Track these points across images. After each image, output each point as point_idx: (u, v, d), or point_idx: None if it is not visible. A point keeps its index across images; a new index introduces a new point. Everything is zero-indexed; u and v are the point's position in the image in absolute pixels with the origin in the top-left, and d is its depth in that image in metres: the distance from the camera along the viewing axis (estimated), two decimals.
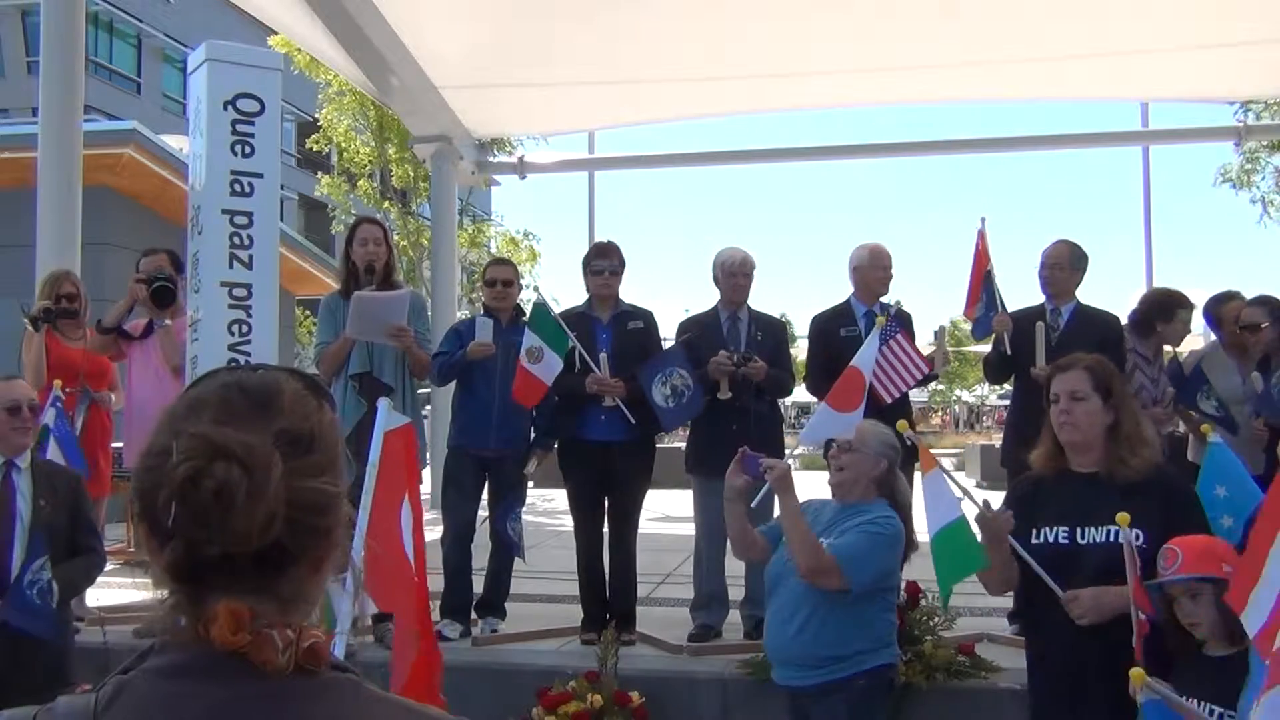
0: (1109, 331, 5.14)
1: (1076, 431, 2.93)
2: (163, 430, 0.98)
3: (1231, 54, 7.18)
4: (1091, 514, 2.87)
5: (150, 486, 0.95)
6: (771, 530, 3.47)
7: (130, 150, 10.42)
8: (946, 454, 24.55)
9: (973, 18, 6.88)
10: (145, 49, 33.12)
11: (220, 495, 0.92)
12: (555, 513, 9.97)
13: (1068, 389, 2.95)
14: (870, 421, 3.68)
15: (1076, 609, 2.80)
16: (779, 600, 3.30)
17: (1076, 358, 3.11)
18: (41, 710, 0.97)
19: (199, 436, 0.95)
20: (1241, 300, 5.40)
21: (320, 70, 13.68)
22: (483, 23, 7.21)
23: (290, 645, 0.94)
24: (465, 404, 5.20)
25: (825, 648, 3.19)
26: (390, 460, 3.01)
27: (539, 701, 4.20)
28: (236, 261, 4.42)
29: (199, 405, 0.99)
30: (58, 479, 3.85)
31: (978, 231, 5.47)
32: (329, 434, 1.03)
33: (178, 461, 0.93)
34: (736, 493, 3.44)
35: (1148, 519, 2.81)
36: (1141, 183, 9.35)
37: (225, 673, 0.93)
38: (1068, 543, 2.88)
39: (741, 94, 8.21)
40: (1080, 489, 2.95)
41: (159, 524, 0.94)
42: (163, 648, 0.97)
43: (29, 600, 3.45)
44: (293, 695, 0.94)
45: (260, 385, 1.02)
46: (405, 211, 15.89)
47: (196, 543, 0.93)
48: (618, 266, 5.15)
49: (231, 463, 0.93)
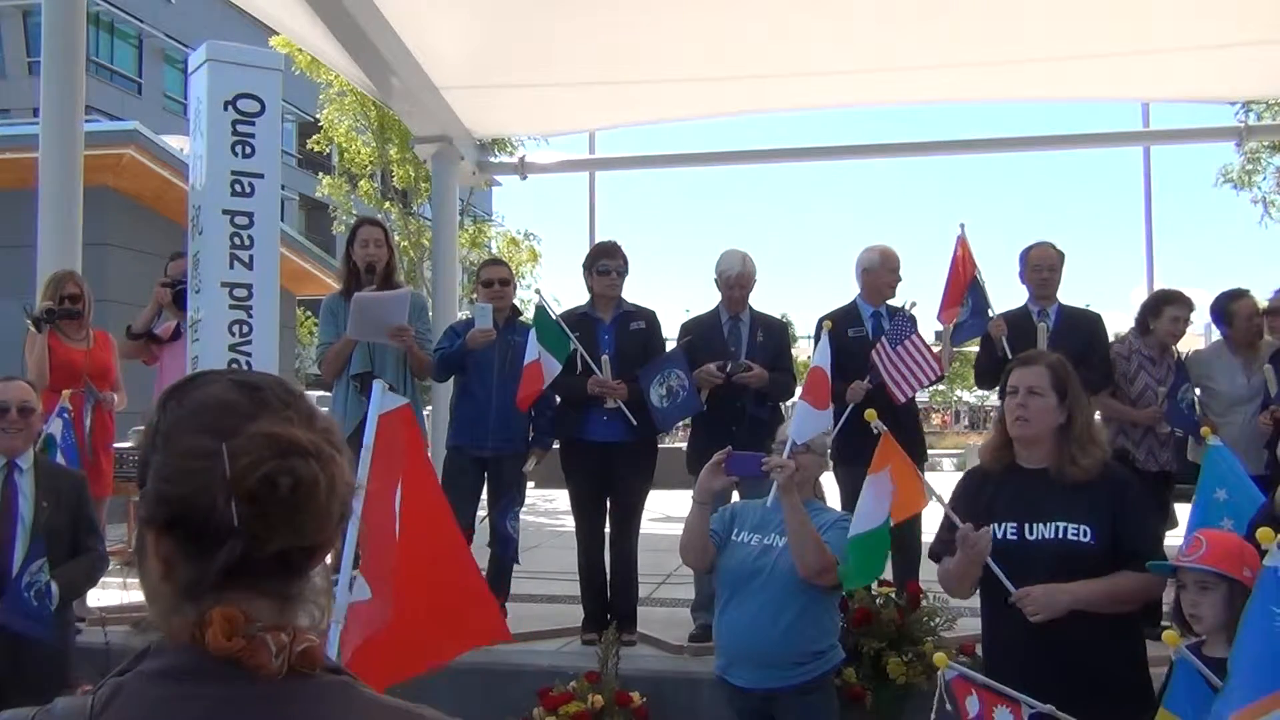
0: (1093, 330, 5.24)
1: (1029, 426, 2.94)
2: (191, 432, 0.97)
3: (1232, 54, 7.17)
4: (1039, 510, 2.89)
5: (193, 489, 0.94)
6: (715, 535, 3.38)
7: (131, 151, 10.44)
8: (947, 454, 24.59)
9: (973, 18, 6.88)
10: (146, 49, 33.13)
11: (297, 492, 0.94)
12: (556, 513, 9.98)
13: (1027, 383, 2.96)
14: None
15: (1030, 606, 2.80)
16: (755, 600, 3.22)
17: (1040, 354, 3.16)
18: (40, 711, 0.97)
19: (269, 435, 0.95)
20: (1252, 299, 5.41)
21: (321, 71, 13.69)
22: (483, 23, 7.21)
23: (284, 649, 0.94)
24: (463, 405, 5.21)
25: (811, 643, 3.22)
26: (385, 443, 2.91)
27: (540, 702, 4.20)
28: (237, 262, 4.42)
29: (234, 406, 0.99)
30: (61, 480, 3.84)
31: (957, 238, 5.50)
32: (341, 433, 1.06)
33: (250, 462, 0.93)
34: (711, 495, 3.33)
35: (1097, 515, 2.83)
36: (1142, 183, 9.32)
37: (220, 675, 0.93)
38: (1015, 539, 2.89)
39: (742, 94, 8.20)
40: (1028, 485, 2.96)
41: (205, 527, 0.94)
42: (158, 650, 0.97)
43: (26, 602, 3.45)
44: (287, 698, 0.95)
45: (285, 388, 1.03)
46: (406, 212, 15.90)
47: (260, 541, 0.94)
48: (623, 267, 5.16)
49: (309, 459, 0.95)
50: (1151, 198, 9.28)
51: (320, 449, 0.97)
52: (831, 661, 3.32)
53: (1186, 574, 2.66)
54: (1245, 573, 2.57)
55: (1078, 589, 2.77)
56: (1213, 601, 2.61)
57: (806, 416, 3.61)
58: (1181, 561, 2.65)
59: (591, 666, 4.35)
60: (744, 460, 3.26)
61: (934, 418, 43.95)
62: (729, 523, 3.41)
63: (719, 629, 3.38)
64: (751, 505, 3.51)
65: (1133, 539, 2.82)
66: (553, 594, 5.95)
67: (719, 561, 3.37)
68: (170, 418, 1.01)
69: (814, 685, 3.23)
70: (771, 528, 3.30)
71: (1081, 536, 2.81)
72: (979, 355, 5.54)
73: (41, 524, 3.62)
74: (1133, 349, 5.28)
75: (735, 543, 3.35)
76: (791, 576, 3.18)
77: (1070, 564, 2.80)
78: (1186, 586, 2.66)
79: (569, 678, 4.30)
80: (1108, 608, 2.79)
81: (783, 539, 3.24)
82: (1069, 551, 2.81)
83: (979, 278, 5.39)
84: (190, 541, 0.95)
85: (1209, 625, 2.63)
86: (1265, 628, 2.17)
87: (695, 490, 3.32)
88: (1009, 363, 3.19)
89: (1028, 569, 2.83)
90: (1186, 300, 5.37)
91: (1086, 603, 2.77)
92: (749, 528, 3.36)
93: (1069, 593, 2.77)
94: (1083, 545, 2.81)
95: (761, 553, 3.27)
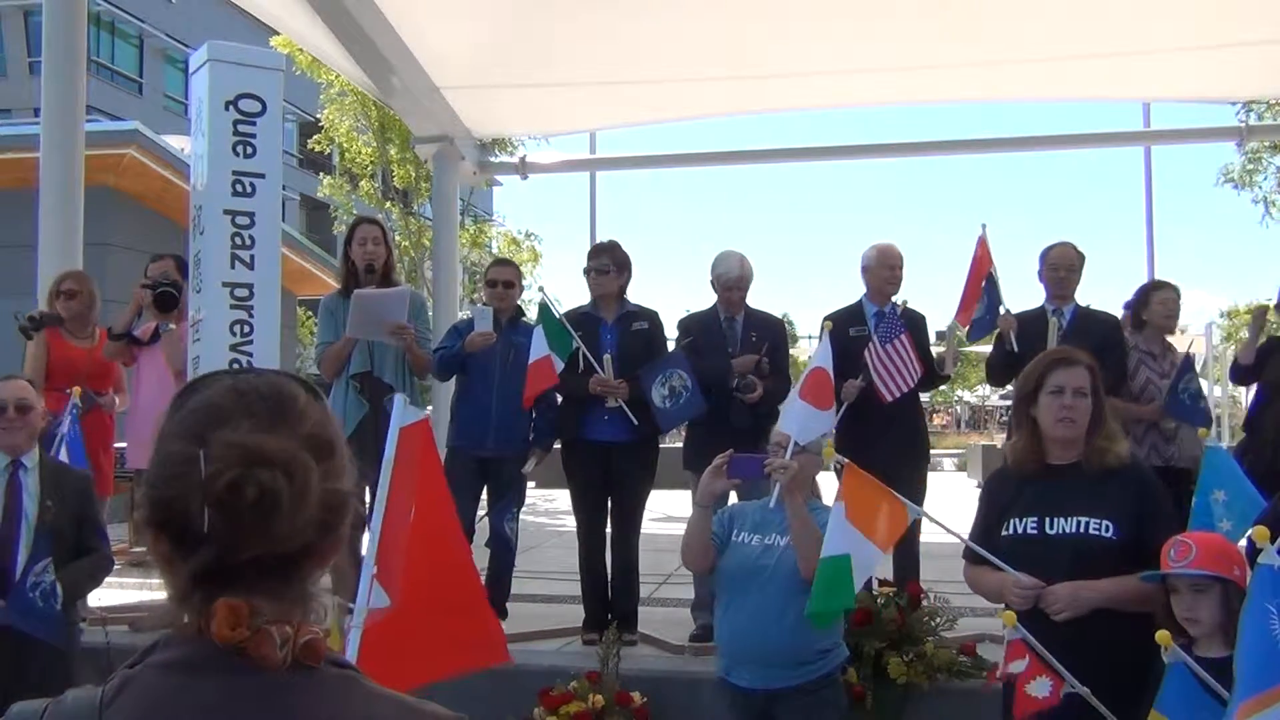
0: (1110, 332, 5.20)
1: (1075, 428, 2.94)
2: (178, 437, 0.99)
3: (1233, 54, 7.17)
4: (1061, 505, 2.89)
5: (176, 494, 0.96)
6: (715, 537, 3.37)
7: (132, 150, 10.45)
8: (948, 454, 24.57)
9: (973, 18, 6.87)
10: (147, 49, 33.13)
11: (262, 502, 0.94)
12: (556, 513, 9.98)
13: (1075, 384, 2.95)
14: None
15: (1054, 604, 2.79)
16: (757, 600, 3.22)
17: (1078, 353, 3.12)
18: (51, 703, 0.99)
19: (236, 444, 0.96)
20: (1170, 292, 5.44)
21: (322, 71, 13.69)
22: (484, 22, 7.21)
23: (288, 641, 0.95)
24: (463, 405, 5.21)
25: (814, 641, 3.21)
26: (404, 457, 2.93)
27: (540, 702, 4.20)
28: (238, 262, 4.42)
29: (219, 411, 0.99)
30: (65, 479, 3.83)
31: (978, 239, 5.49)
32: (340, 436, 1.06)
33: (216, 470, 0.94)
34: (713, 498, 3.31)
35: (1121, 510, 2.83)
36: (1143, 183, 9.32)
37: (225, 667, 0.95)
38: (1036, 533, 2.89)
39: (742, 94, 8.20)
40: (1052, 481, 2.96)
41: (186, 530, 0.95)
42: (167, 643, 0.99)
43: (31, 602, 3.44)
44: (291, 690, 0.96)
45: (275, 391, 1.03)
46: (407, 212, 15.91)
47: (231, 548, 0.95)
48: (607, 265, 5.12)
49: (275, 470, 0.95)
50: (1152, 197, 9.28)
51: (293, 458, 0.97)
52: (836, 660, 3.31)
53: (1179, 579, 2.64)
54: (1235, 572, 2.58)
55: (1104, 586, 2.76)
56: (1208, 604, 2.60)
57: (809, 418, 3.59)
58: (1174, 568, 2.63)
59: (592, 666, 4.35)
60: (746, 463, 3.25)
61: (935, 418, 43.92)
62: (728, 524, 3.41)
63: (720, 630, 3.38)
64: (750, 506, 3.52)
65: (1159, 536, 2.78)
66: (553, 594, 5.94)
67: (719, 563, 3.36)
68: (169, 421, 1.02)
69: (818, 684, 3.22)
70: (772, 528, 3.30)
71: (1103, 531, 2.81)
72: (991, 352, 5.54)
73: (46, 523, 3.61)
74: (1131, 344, 5.29)
75: (735, 544, 3.34)
76: (793, 575, 3.17)
77: (1090, 559, 2.79)
78: (1180, 591, 2.64)
79: (570, 678, 4.30)
80: (1132, 606, 2.77)
81: (784, 539, 3.24)
82: (1089, 546, 2.80)
83: (994, 274, 5.40)
84: (175, 543, 0.97)
85: (1207, 628, 2.62)
86: (1262, 625, 2.21)
87: (697, 493, 3.33)
88: (1034, 359, 3.16)
89: (1047, 564, 2.83)
90: (1171, 285, 5.42)
91: (1112, 600, 2.76)
92: (749, 528, 3.36)
93: (1095, 589, 2.75)
94: (1104, 540, 2.80)
95: (762, 553, 3.27)
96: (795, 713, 3.22)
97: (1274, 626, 2.19)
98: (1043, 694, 2.56)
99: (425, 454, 3.01)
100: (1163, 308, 5.30)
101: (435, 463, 3.09)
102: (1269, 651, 2.19)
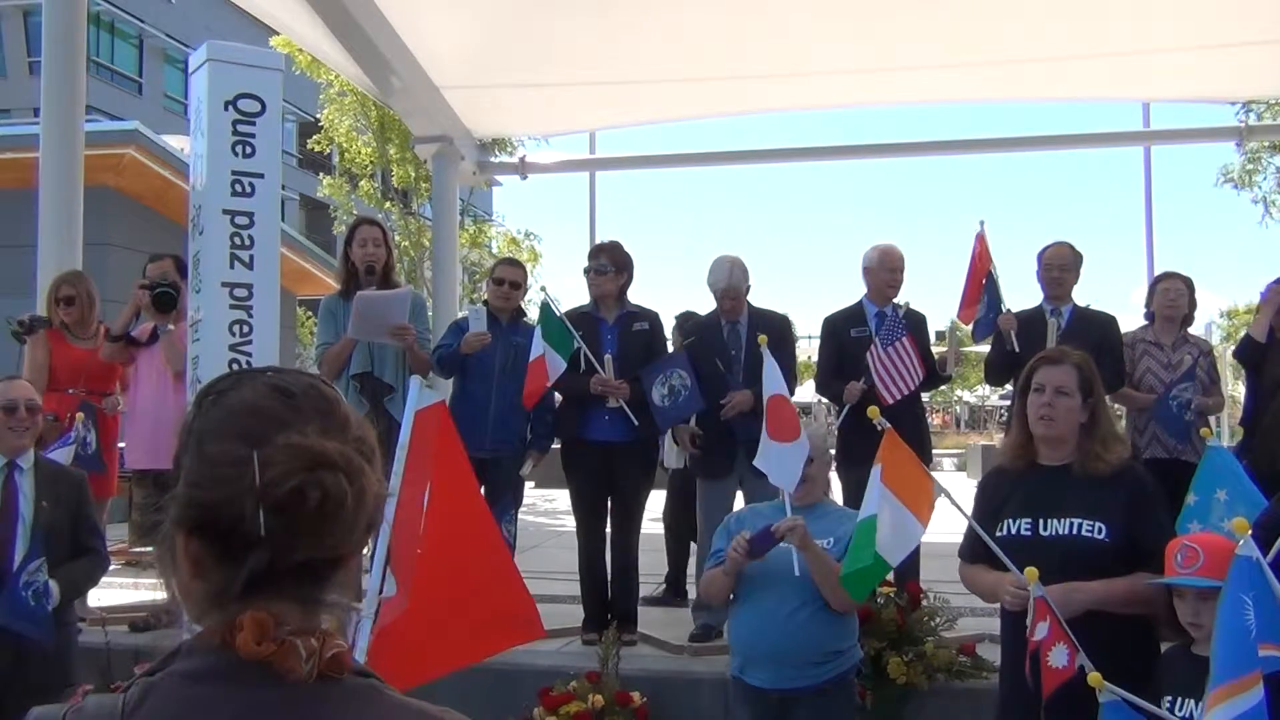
0: (1107, 332, 5.22)
1: (1054, 426, 2.94)
2: (223, 437, 0.97)
3: (1233, 54, 7.16)
4: (1055, 506, 2.88)
5: (225, 496, 0.94)
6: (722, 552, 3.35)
7: (132, 150, 10.44)
8: (948, 454, 24.57)
9: (974, 18, 6.87)
10: (147, 49, 33.14)
11: (325, 505, 0.94)
12: (556, 513, 9.98)
13: (1055, 383, 2.95)
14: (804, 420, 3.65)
15: None
16: (769, 598, 3.23)
17: (1065, 352, 3.13)
18: (71, 709, 0.98)
19: (298, 447, 0.95)
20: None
21: (321, 71, 13.69)
22: (483, 23, 7.20)
23: (314, 654, 0.95)
24: (461, 405, 5.20)
25: (828, 642, 3.21)
26: (418, 440, 2.90)
27: (540, 701, 4.20)
28: (237, 262, 4.41)
29: (270, 413, 0.98)
30: (61, 480, 3.84)
31: (976, 235, 5.49)
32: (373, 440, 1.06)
33: (279, 473, 0.93)
34: (738, 568, 3.27)
35: (1114, 512, 2.82)
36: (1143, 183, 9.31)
37: (250, 678, 0.94)
38: (1029, 534, 2.89)
39: (742, 94, 8.20)
40: (1046, 481, 2.96)
41: (236, 532, 0.94)
42: (190, 651, 0.98)
43: (23, 602, 3.44)
44: (315, 700, 0.96)
45: (320, 393, 1.03)
46: (406, 212, 15.91)
47: (286, 551, 0.94)
48: (607, 265, 5.11)
49: (338, 473, 0.95)
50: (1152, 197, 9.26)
51: (350, 461, 0.97)
52: (850, 661, 3.30)
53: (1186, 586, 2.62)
54: None
55: (1096, 588, 2.76)
56: (1213, 610, 2.58)
57: (780, 457, 3.48)
58: (1181, 574, 2.60)
59: (592, 666, 4.35)
60: (761, 538, 3.19)
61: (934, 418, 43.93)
62: (736, 534, 3.41)
63: (733, 629, 3.41)
64: (759, 510, 3.52)
65: (1152, 539, 2.78)
66: (553, 594, 5.93)
67: None
68: (205, 419, 1.00)
69: (832, 685, 3.21)
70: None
71: (1096, 533, 2.80)
72: (990, 351, 5.55)
73: (41, 524, 3.61)
74: (1137, 337, 5.33)
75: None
76: (806, 576, 3.18)
77: (1083, 561, 2.78)
78: (1185, 596, 2.63)
79: (569, 678, 4.30)
80: (1124, 608, 2.77)
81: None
82: (1082, 548, 2.80)
83: (994, 273, 5.40)
84: (218, 546, 0.96)
85: (1210, 632, 2.60)
86: (1238, 615, 2.26)
87: (724, 566, 3.29)
88: (1032, 358, 3.16)
89: (1040, 565, 2.81)
90: (1178, 275, 5.48)
91: (1104, 602, 2.75)
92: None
93: (1086, 591, 2.75)
94: (1096, 542, 2.80)
95: (776, 554, 3.27)
96: (809, 713, 3.22)
97: (1248, 617, 2.24)
98: (1061, 663, 2.55)
99: (444, 434, 2.98)
100: (1164, 296, 5.35)
101: (454, 442, 3.04)
102: (1241, 641, 2.24)
